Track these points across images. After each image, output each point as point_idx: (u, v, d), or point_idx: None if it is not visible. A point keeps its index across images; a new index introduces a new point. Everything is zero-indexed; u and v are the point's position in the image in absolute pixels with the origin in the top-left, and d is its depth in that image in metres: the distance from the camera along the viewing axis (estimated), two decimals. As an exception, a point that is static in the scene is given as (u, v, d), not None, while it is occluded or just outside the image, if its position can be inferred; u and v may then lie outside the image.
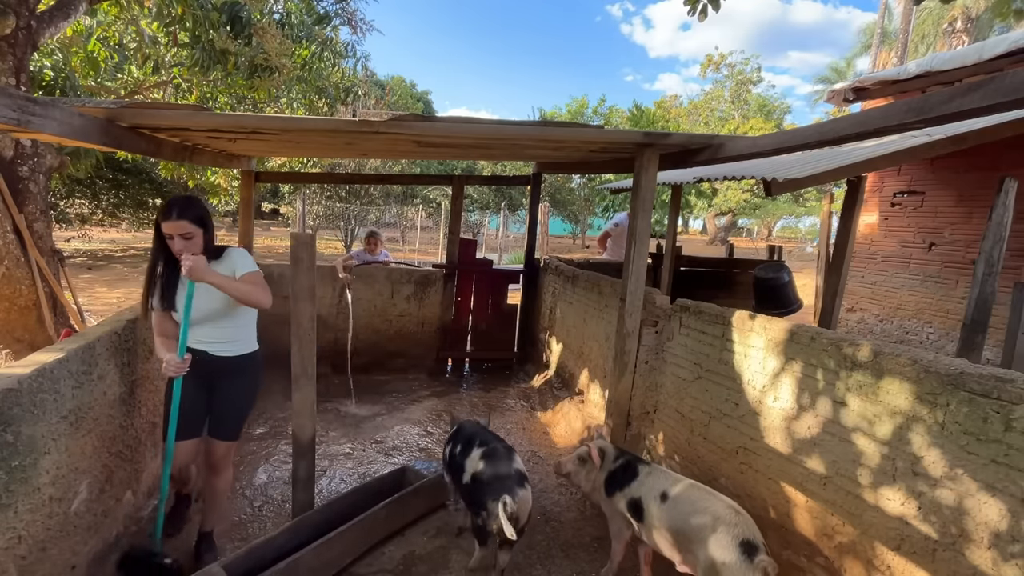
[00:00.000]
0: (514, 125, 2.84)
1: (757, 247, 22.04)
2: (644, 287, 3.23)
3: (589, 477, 2.60)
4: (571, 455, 2.68)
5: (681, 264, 5.93)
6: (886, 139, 3.89)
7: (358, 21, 7.20)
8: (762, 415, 2.48)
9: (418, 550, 2.70)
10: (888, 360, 1.91)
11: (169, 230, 2.17)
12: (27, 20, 3.80)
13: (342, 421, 4.25)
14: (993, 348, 5.09)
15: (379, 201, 18.39)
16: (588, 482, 2.60)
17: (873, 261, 6.87)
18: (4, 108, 1.76)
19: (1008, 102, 1.47)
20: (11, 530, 1.70)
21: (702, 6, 3.58)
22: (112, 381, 2.38)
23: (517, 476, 2.35)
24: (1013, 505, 1.55)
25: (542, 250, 12.93)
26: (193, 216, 2.21)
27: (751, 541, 1.94)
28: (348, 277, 5.00)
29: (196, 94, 6.46)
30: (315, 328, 2.58)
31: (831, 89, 7.13)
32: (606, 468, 2.54)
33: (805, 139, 2.26)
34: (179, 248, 2.18)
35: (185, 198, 2.25)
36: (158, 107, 2.91)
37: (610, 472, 2.51)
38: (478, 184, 18.62)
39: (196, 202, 2.26)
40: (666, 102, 25.70)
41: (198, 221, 2.23)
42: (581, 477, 2.63)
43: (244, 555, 2.27)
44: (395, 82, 28.14)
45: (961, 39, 18.71)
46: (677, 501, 2.20)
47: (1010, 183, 3.28)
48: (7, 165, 3.89)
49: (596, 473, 2.56)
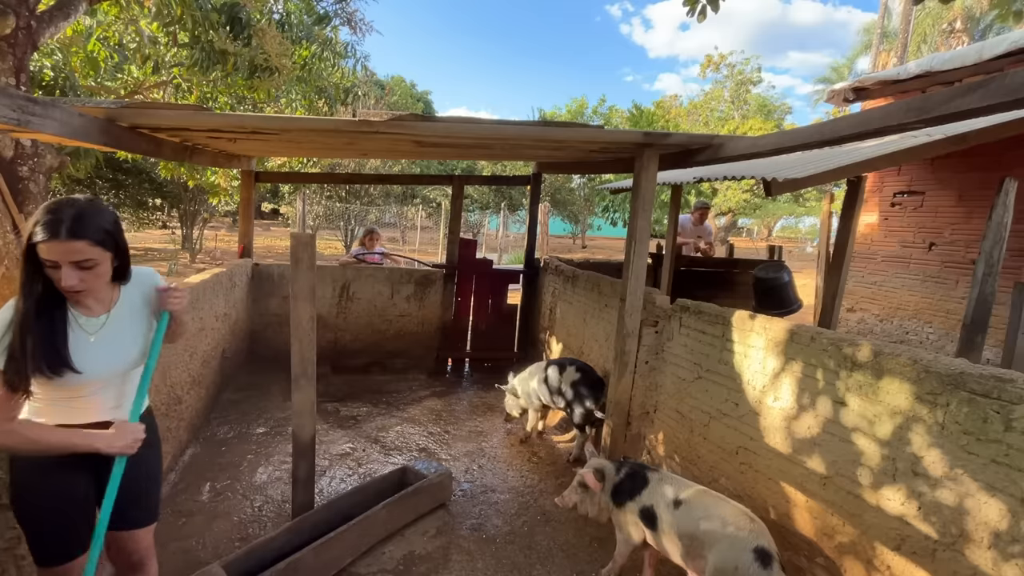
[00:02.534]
0: (514, 125, 2.84)
1: (757, 247, 22.05)
2: (644, 287, 3.23)
3: (594, 501, 2.56)
4: (571, 486, 2.64)
5: (681, 264, 5.93)
6: (886, 139, 3.88)
7: (358, 21, 7.20)
8: (762, 415, 2.48)
9: (418, 550, 2.70)
10: (888, 360, 1.91)
11: (54, 255, 1.35)
12: (27, 20, 3.80)
13: (342, 421, 4.25)
14: (993, 348, 5.09)
15: (379, 201, 18.40)
16: (594, 506, 2.57)
17: (873, 261, 6.87)
18: (4, 108, 1.76)
19: (1008, 102, 1.47)
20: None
21: (701, 7, 3.58)
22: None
23: (600, 382, 3.59)
24: (1013, 505, 1.55)
25: (542, 250, 12.92)
26: (95, 234, 1.39)
27: (765, 549, 1.93)
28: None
29: (196, 94, 6.45)
30: (315, 328, 2.58)
31: (831, 89, 7.12)
32: (610, 484, 2.51)
33: (805, 139, 2.26)
34: (70, 283, 1.37)
35: (78, 204, 1.39)
36: (158, 107, 2.91)
37: (615, 485, 2.49)
38: (478, 184, 18.62)
39: (98, 211, 1.43)
40: (666, 102, 25.69)
41: (103, 242, 1.42)
42: (587, 504, 2.59)
43: (244, 555, 2.27)
44: (395, 82, 28.15)
45: (961, 39, 18.71)
46: (690, 507, 2.18)
47: (1010, 183, 3.27)
48: (7, 165, 3.89)
49: (599, 495, 2.53)
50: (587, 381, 3.64)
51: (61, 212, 1.36)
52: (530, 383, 3.91)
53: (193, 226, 15.01)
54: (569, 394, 3.66)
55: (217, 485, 3.15)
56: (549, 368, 3.85)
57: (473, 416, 4.56)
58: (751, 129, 17.50)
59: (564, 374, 3.72)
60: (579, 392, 3.62)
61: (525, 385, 3.95)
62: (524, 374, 4.01)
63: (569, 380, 3.68)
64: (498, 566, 2.63)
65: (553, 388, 3.77)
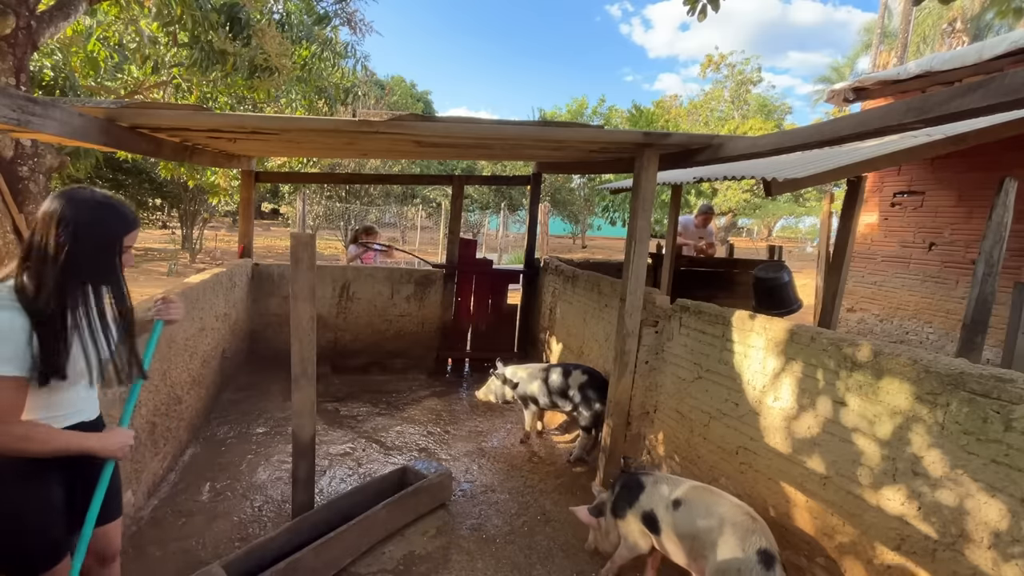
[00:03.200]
0: (514, 125, 2.83)
1: (757, 247, 22.05)
2: (644, 287, 3.22)
3: (603, 533, 2.57)
4: (591, 534, 2.67)
5: (681, 264, 5.93)
6: (886, 139, 3.88)
7: (358, 21, 7.21)
8: (762, 415, 2.48)
9: (418, 550, 2.70)
10: (888, 360, 1.91)
11: (133, 240, 1.55)
12: (27, 20, 3.80)
13: (342, 421, 4.25)
14: (993, 348, 5.09)
15: (379, 201, 18.40)
16: (604, 539, 2.57)
17: (873, 261, 6.87)
18: (4, 108, 1.76)
19: (1008, 102, 1.47)
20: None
21: (701, 6, 3.58)
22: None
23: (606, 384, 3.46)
24: (1013, 505, 1.55)
25: (542, 250, 12.93)
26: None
27: (768, 551, 1.92)
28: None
29: (196, 94, 6.46)
30: (315, 328, 2.58)
31: (831, 89, 7.12)
32: (608, 505, 2.52)
33: (805, 139, 2.25)
34: (131, 264, 1.60)
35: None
36: (158, 107, 2.91)
37: (613, 502, 2.50)
38: (478, 184, 18.62)
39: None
40: (666, 102, 25.70)
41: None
42: (599, 538, 2.61)
43: (244, 555, 2.27)
44: (395, 82, 28.15)
45: (961, 39, 18.70)
46: (689, 506, 2.18)
47: (1010, 183, 3.27)
48: (7, 165, 3.89)
49: (604, 525, 2.54)
50: (594, 383, 3.68)
51: (122, 207, 1.52)
52: (529, 385, 3.92)
53: (193, 226, 15.01)
54: (577, 397, 3.70)
55: (217, 485, 3.15)
56: (551, 371, 3.86)
57: (473, 416, 4.56)
58: (751, 129, 17.50)
59: (570, 378, 3.76)
60: (587, 395, 3.66)
61: (524, 387, 3.95)
62: (522, 374, 4.01)
63: (577, 383, 3.72)
64: (498, 566, 2.63)
65: (556, 390, 3.79)
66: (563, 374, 3.80)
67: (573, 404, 3.73)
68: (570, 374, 3.78)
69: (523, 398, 3.99)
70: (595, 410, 3.61)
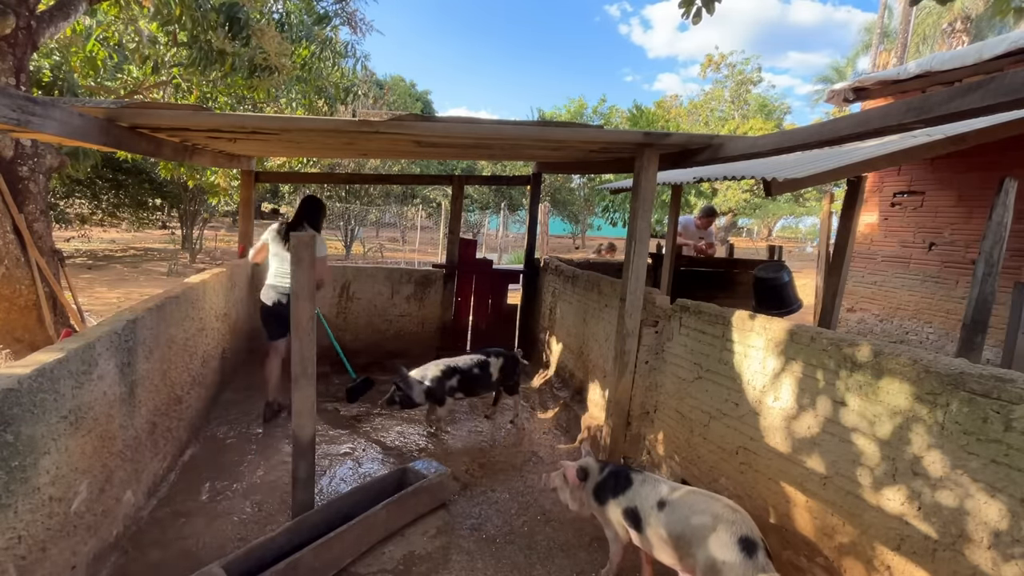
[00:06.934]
0: (514, 125, 2.83)
1: (757, 247, 22.05)
2: (644, 287, 3.23)
3: (574, 495, 2.60)
4: (558, 471, 2.69)
5: (681, 264, 5.93)
6: (886, 139, 3.88)
7: (358, 21, 7.21)
8: (762, 415, 2.48)
9: (418, 550, 2.70)
10: (888, 360, 1.91)
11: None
12: (27, 20, 3.80)
13: (342, 421, 4.25)
14: (993, 348, 5.09)
15: (379, 201, 18.41)
16: (575, 500, 2.60)
17: (873, 261, 6.87)
18: (4, 108, 1.76)
19: (1008, 102, 1.47)
20: (11, 530, 1.70)
21: (696, 8, 3.57)
22: (112, 381, 2.38)
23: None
24: (1013, 505, 1.55)
25: (542, 250, 12.92)
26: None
27: (749, 538, 1.94)
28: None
29: (196, 94, 6.46)
30: (315, 328, 2.58)
31: (831, 89, 7.12)
32: (592, 482, 2.53)
33: (805, 139, 2.26)
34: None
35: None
36: (158, 107, 2.91)
37: (597, 484, 2.51)
38: (478, 184, 18.62)
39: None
40: (666, 102, 25.65)
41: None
42: (567, 494, 2.63)
43: (244, 555, 2.27)
44: (395, 82, 28.14)
45: (961, 39, 18.70)
46: (674, 506, 2.19)
47: (1010, 183, 3.27)
48: (7, 165, 3.89)
49: (580, 491, 2.56)
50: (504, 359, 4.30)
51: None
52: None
53: (193, 226, 15.01)
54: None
55: (217, 485, 3.15)
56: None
57: (473, 416, 4.56)
58: (751, 129, 17.50)
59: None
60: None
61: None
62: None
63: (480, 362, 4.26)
64: (498, 566, 2.63)
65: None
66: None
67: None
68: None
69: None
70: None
